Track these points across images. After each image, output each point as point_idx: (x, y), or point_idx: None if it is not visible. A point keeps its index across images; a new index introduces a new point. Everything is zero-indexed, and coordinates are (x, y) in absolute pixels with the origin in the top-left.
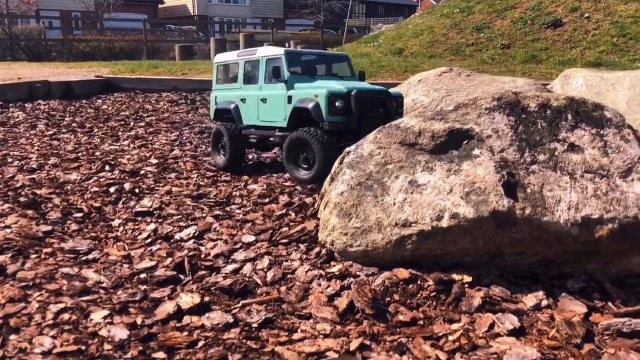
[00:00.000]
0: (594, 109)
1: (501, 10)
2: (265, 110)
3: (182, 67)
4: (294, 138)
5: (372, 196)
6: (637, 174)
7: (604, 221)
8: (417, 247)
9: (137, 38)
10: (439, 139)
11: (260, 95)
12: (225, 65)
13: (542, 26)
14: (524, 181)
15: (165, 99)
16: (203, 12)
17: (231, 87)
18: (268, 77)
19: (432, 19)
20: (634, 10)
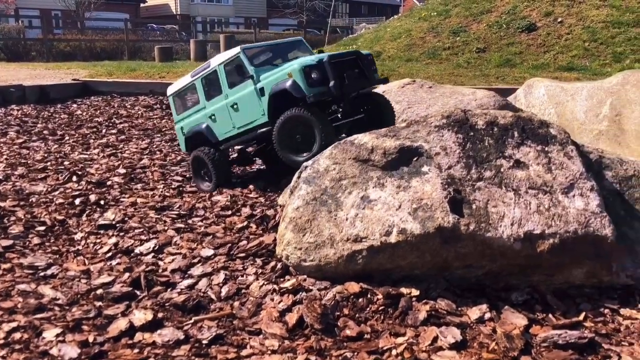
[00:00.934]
0: (539, 126)
1: (477, 14)
2: (239, 115)
3: (160, 69)
4: (286, 120)
5: (327, 211)
6: (578, 190)
7: (546, 236)
8: (368, 261)
9: (118, 38)
10: (390, 156)
11: (229, 102)
12: (181, 92)
13: (516, 30)
14: (470, 197)
15: (142, 103)
16: (185, 11)
17: (194, 110)
18: (230, 82)
19: (410, 22)
20: (605, 16)
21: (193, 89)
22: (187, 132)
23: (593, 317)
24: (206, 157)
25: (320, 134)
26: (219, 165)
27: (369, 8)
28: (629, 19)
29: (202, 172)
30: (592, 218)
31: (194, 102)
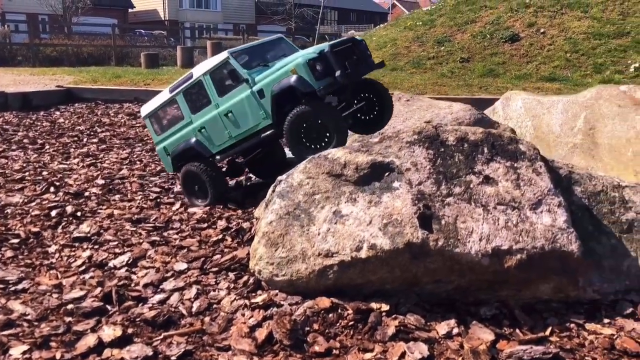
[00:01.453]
0: (509, 142)
1: (462, 24)
2: (235, 122)
3: (145, 76)
4: (296, 118)
5: (299, 226)
6: (546, 206)
7: (513, 252)
8: (339, 276)
9: (105, 43)
10: (363, 171)
11: (222, 111)
12: (159, 110)
13: (500, 40)
14: (439, 213)
15: (126, 110)
16: (174, 17)
17: (178, 127)
18: (220, 89)
19: (395, 31)
20: (586, 27)
21: (173, 104)
22: (173, 152)
23: (559, 332)
24: (200, 171)
25: (334, 127)
26: (215, 178)
27: (358, 15)
28: (609, 31)
29: (196, 187)
30: (559, 234)
31: (176, 119)
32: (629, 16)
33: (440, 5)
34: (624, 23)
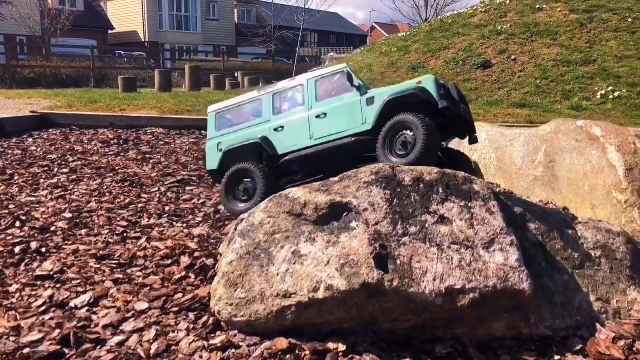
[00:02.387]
0: (463, 182)
1: (436, 50)
2: (325, 124)
3: (122, 101)
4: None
5: (259, 266)
6: (498, 245)
7: (466, 291)
8: (297, 317)
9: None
10: (322, 211)
11: (314, 112)
12: (233, 108)
13: (472, 67)
14: (395, 253)
15: (100, 137)
16: (154, 38)
17: (246, 125)
18: (321, 94)
19: (371, 56)
20: (556, 54)
21: (255, 103)
22: (227, 147)
23: None
24: (256, 168)
25: (423, 138)
26: (268, 177)
27: (337, 38)
28: (577, 58)
29: (238, 189)
30: (511, 273)
31: (247, 117)
32: (595, 44)
33: (415, 32)
34: (591, 51)
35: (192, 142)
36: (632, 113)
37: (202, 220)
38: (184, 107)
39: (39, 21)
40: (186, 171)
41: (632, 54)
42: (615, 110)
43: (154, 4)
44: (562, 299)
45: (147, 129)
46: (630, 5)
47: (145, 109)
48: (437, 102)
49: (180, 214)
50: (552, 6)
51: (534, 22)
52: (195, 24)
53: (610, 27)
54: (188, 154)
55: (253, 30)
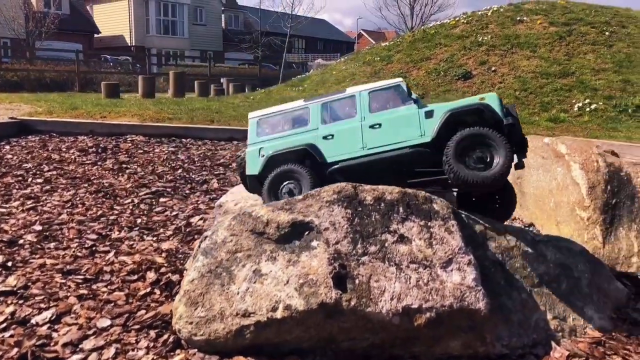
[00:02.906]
0: (424, 202)
1: (418, 61)
2: (379, 134)
3: (103, 108)
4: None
5: (220, 285)
6: (456, 264)
7: (423, 310)
8: (256, 336)
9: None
10: (284, 230)
11: (368, 123)
12: (276, 116)
13: (453, 78)
14: (354, 272)
15: (79, 145)
16: (141, 43)
17: (290, 133)
18: (375, 106)
19: (355, 65)
20: (535, 66)
21: (300, 112)
22: (270, 153)
23: None
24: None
25: (505, 155)
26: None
27: (325, 44)
28: (555, 70)
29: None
30: (468, 292)
31: (291, 125)
32: (573, 57)
33: (398, 41)
34: (569, 63)
35: (171, 151)
36: (608, 125)
37: (172, 234)
38: (165, 115)
39: (23, 24)
40: (161, 182)
41: (609, 67)
42: (591, 122)
43: (141, 8)
44: (519, 317)
45: (127, 137)
46: (607, 19)
47: (126, 116)
48: (502, 119)
49: (152, 227)
50: (533, 18)
51: (514, 34)
52: (182, 28)
53: (588, 40)
54: (165, 163)
55: (240, 35)
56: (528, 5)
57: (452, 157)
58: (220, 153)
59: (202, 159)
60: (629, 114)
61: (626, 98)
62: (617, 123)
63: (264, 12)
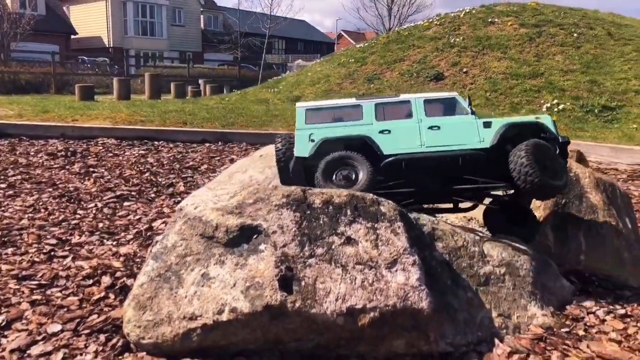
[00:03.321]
0: (371, 204)
1: (391, 62)
2: (438, 135)
3: (74, 112)
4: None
5: (168, 289)
6: (401, 265)
7: (367, 310)
8: (203, 339)
9: (45, 70)
10: (232, 234)
11: (426, 124)
12: (327, 109)
13: (426, 79)
14: (301, 274)
15: (48, 149)
16: (119, 44)
17: (344, 124)
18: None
19: (329, 67)
20: (505, 67)
21: (353, 109)
22: (323, 137)
23: None
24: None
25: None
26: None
27: (305, 45)
28: (525, 72)
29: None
30: (411, 292)
31: (342, 118)
32: (543, 58)
33: (373, 43)
34: (539, 64)
35: (141, 154)
36: (575, 125)
37: (133, 238)
38: (138, 117)
39: None
40: (127, 186)
41: (577, 68)
42: (559, 122)
43: (119, 9)
44: (464, 315)
45: (98, 140)
46: (576, 21)
47: (98, 119)
48: (557, 136)
49: (113, 231)
50: (504, 20)
51: (485, 36)
52: (160, 29)
53: (557, 42)
54: (133, 166)
55: (219, 36)
56: (499, 7)
57: (528, 160)
58: (190, 156)
59: (171, 162)
60: (596, 114)
61: (593, 98)
62: (584, 123)
63: (243, 13)
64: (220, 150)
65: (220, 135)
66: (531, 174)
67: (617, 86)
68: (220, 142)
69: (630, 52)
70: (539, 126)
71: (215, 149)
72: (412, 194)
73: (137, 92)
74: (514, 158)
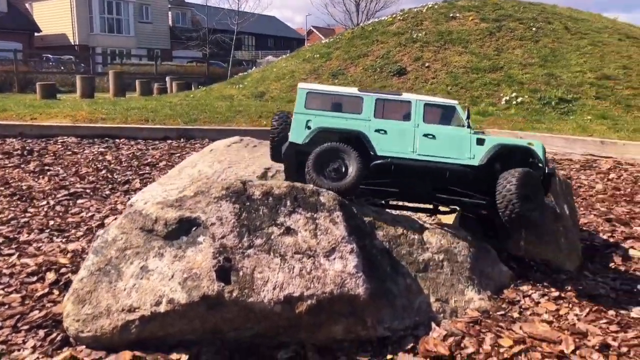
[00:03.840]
0: (311, 195)
1: (355, 58)
2: (432, 144)
3: (34, 110)
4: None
5: (108, 282)
6: (339, 253)
7: (304, 298)
8: (141, 330)
9: (7, 69)
10: (171, 227)
11: (422, 130)
12: (329, 95)
13: (389, 74)
14: (239, 265)
15: (6, 147)
16: (84, 42)
17: (343, 115)
18: (428, 118)
19: (294, 62)
20: (466, 62)
21: (354, 100)
22: (320, 126)
23: None
24: (354, 152)
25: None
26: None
27: (275, 41)
28: (485, 65)
29: (332, 167)
30: (348, 279)
31: (341, 108)
32: (502, 52)
33: (338, 38)
34: (499, 58)
35: (100, 152)
36: (532, 118)
37: (83, 235)
38: (99, 115)
39: None
40: (82, 183)
41: (535, 62)
42: (517, 115)
43: (84, 6)
44: (403, 301)
45: (58, 139)
46: (535, 15)
47: (58, 117)
48: (544, 165)
49: (64, 229)
50: (465, 15)
51: (447, 31)
52: (127, 26)
53: (516, 36)
54: (91, 164)
55: (187, 33)
56: (461, 2)
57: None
58: (150, 153)
59: (129, 159)
60: (552, 107)
61: (550, 91)
62: (541, 115)
63: (211, 9)
64: (182, 146)
65: (183, 131)
66: (515, 204)
67: (574, 79)
68: (183, 139)
69: (586, 45)
70: (529, 151)
71: (176, 145)
72: (394, 194)
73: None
74: (503, 182)
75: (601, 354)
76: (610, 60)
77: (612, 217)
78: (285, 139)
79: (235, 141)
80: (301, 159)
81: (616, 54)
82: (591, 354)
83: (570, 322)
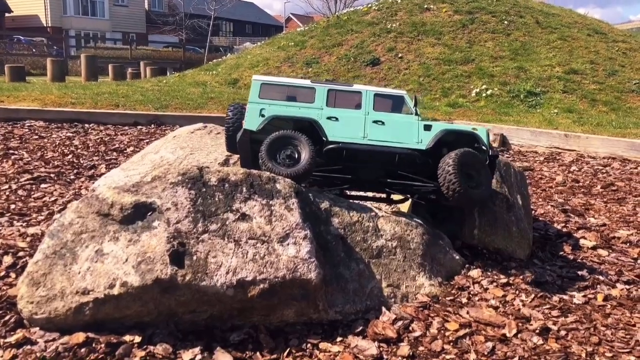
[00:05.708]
0: (267, 182)
1: (329, 47)
2: (381, 130)
3: (0, 93)
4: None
5: (63, 265)
6: (292, 239)
7: (257, 282)
8: (95, 312)
9: None
10: (127, 211)
11: (372, 117)
12: (281, 86)
13: (362, 64)
14: (193, 249)
15: None
16: (57, 23)
17: (295, 105)
18: (378, 107)
19: (269, 50)
20: (439, 53)
21: (306, 90)
22: (273, 114)
23: (295, 352)
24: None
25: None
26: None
27: (254, 27)
28: (457, 57)
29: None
30: (301, 264)
31: (294, 98)
32: (474, 44)
33: (313, 27)
34: (470, 51)
35: (68, 137)
36: (501, 110)
37: (44, 219)
38: (68, 99)
39: None
40: (47, 168)
41: (506, 55)
42: (486, 107)
43: None
44: (355, 286)
45: (25, 122)
46: (507, 9)
47: (26, 100)
48: (488, 149)
49: (26, 213)
50: (439, 6)
51: (421, 22)
52: (102, 9)
53: (488, 29)
54: (57, 149)
55: (164, 17)
56: None
57: (454, 169)
58: (118, 138)
59: (97, 145)
60: (521, 99)
61: (519, 84)
62: (510, 108)
63: None
64: (152, 132)
65: (154, 117)
66: (454, 183)
67: (542, 72)
68: (153, 125)
69: (555, 40)
70: (473, 136)
71: (146, 131)
72: (348, 181)
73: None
74: (443, 165)
75: (541, 337)
76: (578, 55)
77: (568, 208)
78: (240, 127)
79: (199, 128)
80: (256, 149)
81: (584, 49)
82: (531, 337)
83: (516, 308)
